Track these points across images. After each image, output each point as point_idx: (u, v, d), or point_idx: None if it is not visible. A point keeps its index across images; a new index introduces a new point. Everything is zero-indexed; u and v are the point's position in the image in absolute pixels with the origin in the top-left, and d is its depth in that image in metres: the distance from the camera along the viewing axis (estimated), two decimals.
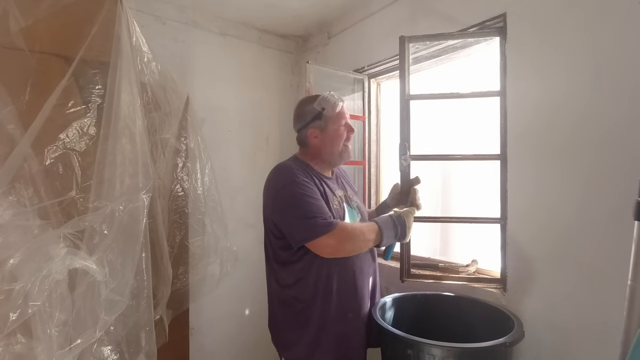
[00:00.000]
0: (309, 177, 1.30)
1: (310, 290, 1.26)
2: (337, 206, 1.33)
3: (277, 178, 1.30)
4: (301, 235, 1.21)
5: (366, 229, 1.25)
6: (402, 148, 1.60)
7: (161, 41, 2.09)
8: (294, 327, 1.30)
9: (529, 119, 1.41)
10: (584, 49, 1.25)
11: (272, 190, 1.29)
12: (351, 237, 1.21)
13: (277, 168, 1.34)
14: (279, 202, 1.26)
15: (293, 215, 1.22)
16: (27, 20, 1.09)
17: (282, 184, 1.26)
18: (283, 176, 1.28)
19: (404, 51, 1.70)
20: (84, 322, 1.05)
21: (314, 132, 1.36)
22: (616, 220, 1.16)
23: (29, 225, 1.01)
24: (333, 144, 1.37)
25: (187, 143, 1.75)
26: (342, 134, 1.37)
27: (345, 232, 1.20)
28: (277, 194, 1.26)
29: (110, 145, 1.16)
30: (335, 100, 1.35)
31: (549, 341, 1.33)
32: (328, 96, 1.35)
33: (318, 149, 1.38)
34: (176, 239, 1.69)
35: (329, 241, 1.17)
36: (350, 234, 1.21)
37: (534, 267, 1.39)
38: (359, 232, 1.23)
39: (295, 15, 2.32)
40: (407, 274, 1.73)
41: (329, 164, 1.42)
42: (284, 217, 1.25)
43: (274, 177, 1.31)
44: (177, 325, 1.70)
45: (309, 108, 1.37)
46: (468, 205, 1.95)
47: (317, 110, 1.35)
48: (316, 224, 1.17)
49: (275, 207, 1.28)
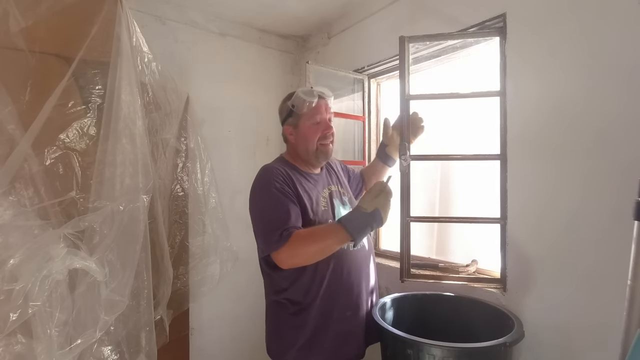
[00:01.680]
0: (288, 180, 1.28)
1: (305, 292, 1.26)
2: (324, 205, 1.33)
3: (255, 182, 1.31)
4: (260, 247, 1.25)
5: (326, 233, 1.20)
6: (402, 148, 1.60)
7: (161, 41, 2.09)
8: (288, 331, 1.29)
9: (529, 118, 1.41)
10: (583, 49, 1.25)
11: (250, 195, 1.31)
12: (303, 248, 1.17)
13: (260, 171, 1.33)
14: (250, 208, 1.30)
15: (256, 226, 1.26)
16: (27, 20, 1.10)
17: (255, 190, 1.29)
18: (259, 181, 1.29)
19: (403, 51, 1.69)
20: (84, 322, 1.05)
21: (288, 129, 1.38)
22: (616, 220, 1.16)
23: (29, 225, 1.01)
24: (307, 142, 1.35)
25: (187, 143, 1.75)
26: (314, 132, 1.34)
27: (296, 244, 1.16)
28: (250, 200, 1.30)
29: (110, 146, 1.16)
30: (306, 97, 1.32)
31: (549, 341, 1.33)
32: (300, 92, 1.33)
33: (294, 147, 1.39)
34: (176, 239, 1.69)
35: (280, 256, 1.17)
36: (302, 245, 1.17)
37: (534, 267, 1.39)
38: (317, 239, 1.19)
39: (295, 15, 2.32)
40: (407, 274, 1.72)
41: (307, 162, 1.40)
42: (254, 226, 1.28)
43: (255, 181, 1.32)
44: (177, 325, 1.70)
45: (284, 105, 1.39)
46: (468, 205, 1.95)
47: (288, 107, 1.35)
48: (270, 239, 1.18)
49: (250, 214, 1.30)
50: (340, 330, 1.28)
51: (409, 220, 1.69)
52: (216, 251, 1.77)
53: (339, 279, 1.28)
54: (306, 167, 1.40)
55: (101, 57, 1.21)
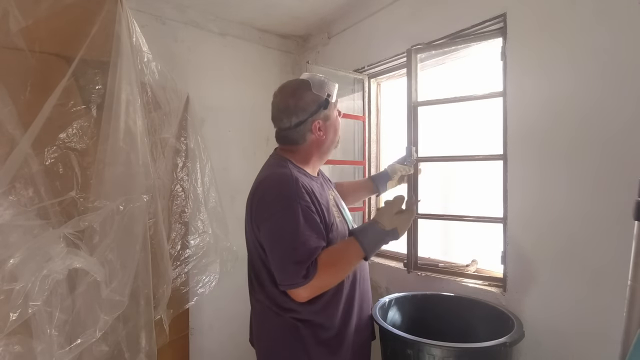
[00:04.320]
0: (311, 194, 1.10)
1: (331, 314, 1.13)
2: (337, 214, 1.21)
3: (272, 192, 1.09)
4: (278, 278, 1.06)
5: (346, 254, 1.09)
6: (409, 151, 1.67)
7: (161, 41, 2.09)
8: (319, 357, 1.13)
9: (530, 119, 1.40)
10: (584, 49, 1.25)
11: (264, 206, 1.09)
12: (329, 278, 1.06)
13: (274, 177, 1.12)
14: (264, 223, 1.08)
15: (273, 249, 1.07)
16: (27, 20, 1.09)
17: (274, 203, 1.07)
18: (279, 194, 1.07)
19: (410, 61, 1.77)
20: (84, 322, 1.05)
21: (318, 123, 1.18)
22: (617, 220, 1.16)
23: (29, 225, 1.01)
24: (335, 134, 1.24)
25: (187, 143, 1.75)
26: (339, 122, 1.26)
27: (323, 277, 1.03)
28: (264, 211, 1.09)
29: (110, 145, 1.16)
30: (333, 82, 1.22)
31: (549, 341, 1.33)
32: (325, 79, 1.20)
33: (319, 143, 1.20)
34: (176, 239, 1.68)
35: (304, 293, 1.03)
36: (328, 274, 1.05)
37: (534, 267, 1.39)
38: (341, 264, 1.08)
39: (296, 15, 2.32)
40: (415, 266, 1.80)
41: (323, 159, 1.28)
42: (268, 248, 1.08)
43: (270, 189, 1.10)
44: (177, 325, 1.70)
45: (311, 96, 1.16)
46: (470, 205, 1.95)
47: (322, 97, 1.17)
48: (293, 274, 1.01)
49: (263, 230, 1.09)
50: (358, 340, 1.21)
51: (416, 217, 1.79)
52: (216, 251, 1.77)
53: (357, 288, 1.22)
54: (313, 170, 1.25)
55: (101, 57, 1.21)
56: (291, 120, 1.17)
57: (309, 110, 1.16)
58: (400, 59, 1.96)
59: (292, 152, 1.22)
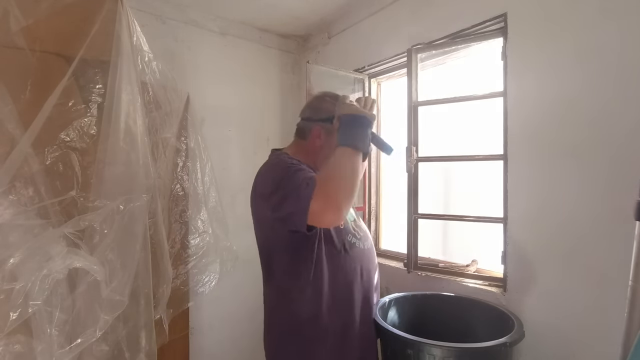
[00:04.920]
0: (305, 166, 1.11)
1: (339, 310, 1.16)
2: None
3: (267, 165, 1.17)
4: (291, 217, 1.00)
5: (339, 156, 1.04)
6: (409, 151, 1.66)
7: (161, 40, 2.09)
8: None
9: (530, 119, 1.40)
10: (588, 48, 1.25)
11: (261, 178, 1.15)
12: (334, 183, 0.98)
13: (269, 163, 1.19)
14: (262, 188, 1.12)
15: (273, 195, 1.05)
16: (27, 19, 1.09)
17: (267, 171, 1.14)
18: (271, 163, 1.16)
19: (411, 61, 1.78)
20: (84, 321, 1.05)
21: (318, 130, 1.21)
22: (617, 220, 1.16)
23: (29, 224, 1.01)
24: (327, 156, 1.16)
25: (187, 142, 1.75)
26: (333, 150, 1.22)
27: (326, 183, 0.97)
28: (261, 181, 1.14)
29: (110, 145, 1.16)
30: None
31: (549, 341, 1.33)
32: (352, 106, 1.15)
33: (315, 150, 1.23)
34: (176, 238, 1.68)
35: (317, 205, 0.94)
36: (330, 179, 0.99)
37: (534, 267, 1.39)
38: (336, 168, 1.01)
39: (296, 15, 2.32)
40: (415, 265, 1.80)
41: None
42: (274, 203, 1.05)
43: (265, 165, 1.18)
44: (177, 325, 1.70)
45: (328, 105, 1.20)
46: (470, 205, 1.95)
47: (334, 113, 1.17)
48: (299, 194, 0.97)
49: (260, 197, 1.13)
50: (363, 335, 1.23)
51: (417, 217, 1.80)
52: (216, 251, 1.77)
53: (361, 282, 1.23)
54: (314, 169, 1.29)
55: (101, 56, 1.21)
56: (305, 113, 1.27)
57: (320, 114, 1.22)
58: (401, 59, 1.96)
59: (297, 145, 1.28)
